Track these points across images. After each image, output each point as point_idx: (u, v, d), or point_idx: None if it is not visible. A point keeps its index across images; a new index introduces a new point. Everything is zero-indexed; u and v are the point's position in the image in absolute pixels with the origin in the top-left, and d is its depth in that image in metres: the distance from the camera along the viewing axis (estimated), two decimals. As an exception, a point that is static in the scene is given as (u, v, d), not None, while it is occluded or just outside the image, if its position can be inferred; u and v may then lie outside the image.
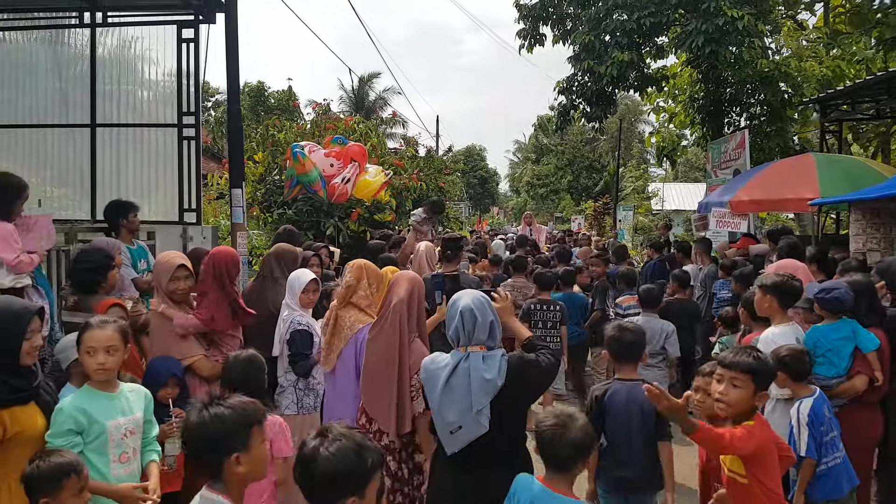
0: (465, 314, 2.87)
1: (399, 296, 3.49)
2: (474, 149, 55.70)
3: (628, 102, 40.08)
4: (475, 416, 2.75)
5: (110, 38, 7.62)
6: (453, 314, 2.91)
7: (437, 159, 18.19)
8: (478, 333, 2.86)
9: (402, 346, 3.41)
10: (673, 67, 15.33)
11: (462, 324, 2.86)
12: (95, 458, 2.76)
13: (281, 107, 24.82)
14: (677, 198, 34.14)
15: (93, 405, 2.78)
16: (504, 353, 2.89)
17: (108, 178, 7.44)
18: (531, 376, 2.90)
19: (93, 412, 2.76)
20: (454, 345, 2.93)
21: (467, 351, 2.86)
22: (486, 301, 2.96)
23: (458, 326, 2.87)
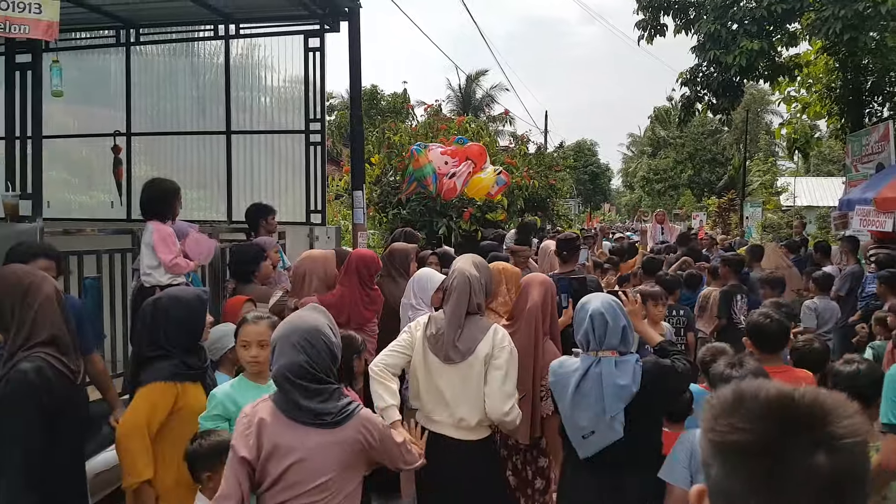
0: (596, 318, 2.81)
1: (533, 299, 3.53)
2: (585, 143, 54.53)
3: (754, 92, 37.79)
4: (609, 422, 2.71)
5: (241, 49, 8.10)
6: (583, 318, 2.86)
7: (546, 156, 18.01)
8: (609, 338, 2.80)
9: (536, 351, 3.44)
10: (806, 55, 14.35)
11: (592, 328, 2.81)
12: None
13: (394, 109, 25.45)
14: (810, 193, 31.83)
15: (243, 395, 2.93)
16: (638, 358, 2.82)
17: (242, 181, 7.93)
18: (668, 382, 2.84)
19: (241, 402, 2.88)
20: (583, 349, 2.88)
21: (598, 356, 2.80)
22: (618, 304, 2.90)
23: (587, 330, 2.83)
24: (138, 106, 8.23)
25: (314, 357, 2.30)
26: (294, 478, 2.25)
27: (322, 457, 2.27)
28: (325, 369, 2.33)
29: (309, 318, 2.44)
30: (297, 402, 2.28)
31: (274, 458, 2.26)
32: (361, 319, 4.27)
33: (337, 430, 2.30)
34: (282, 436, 2.27)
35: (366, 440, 2.35)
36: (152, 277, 4.34)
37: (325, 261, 4.49)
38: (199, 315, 3.03)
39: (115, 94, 8.28)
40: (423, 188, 9.51)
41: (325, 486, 2.27)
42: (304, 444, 2.26)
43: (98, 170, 8.44)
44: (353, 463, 2.35)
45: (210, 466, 2.64)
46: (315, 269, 4.38)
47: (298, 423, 2.28)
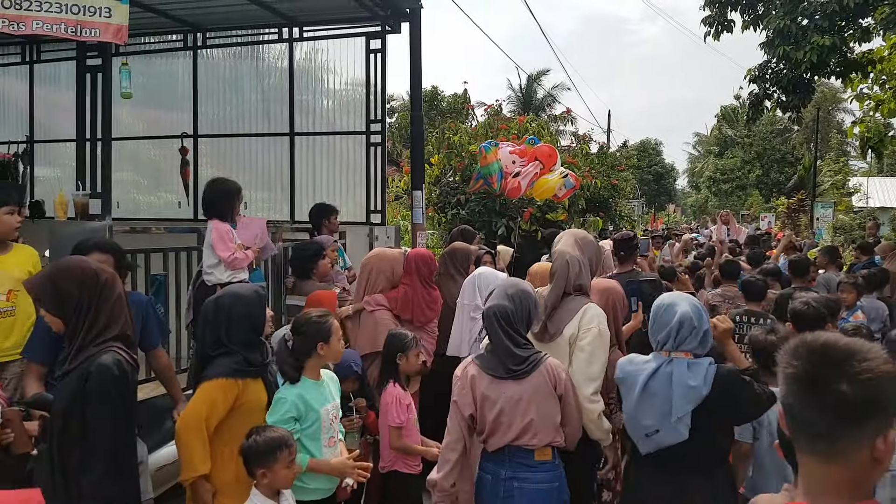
0: (686, 322, 2.76)
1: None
2: (649, 143, 53.41)
3: (825, 90, 36.35)
4: (674, 424, 2.68)
5: (304, 52, 8.27)
6: (669, 319, 2.80)
7: (609, 155, 17.77)
8: (690, 340, 2.77)
9: None
10: (879, 51, 13.72)
11: (678, 330, 2.77)
12: (310, 443, 3.00)
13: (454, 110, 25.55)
14: (883, 193, 30.33)
15: (309, 393, 3.03)
16: (712, 361, 2.78)
17: (304, 182, 8.13)
18: (741, 393, 2.75)
19: (309, 400, 3.02)
20: (657, 347, 2.85)
21: (671, 356, 2.78)
22: (703, 308, 2.89)
23: (671, 331, 2.78)
24: (204, 108, 8.53)
25: (518, 308, 2.90)
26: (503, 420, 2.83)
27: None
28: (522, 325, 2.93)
29: (521, 282, 3.18)
30: (500, 342, 2.86)
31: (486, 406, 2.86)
32: (424, 318, 4.41)
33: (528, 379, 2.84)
34: (488, 388, 2.86)
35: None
36: (213, 276, 4.42)
37: (393, 260, 4.59)
38: (259, 311, 3.06)
39: (182, 97, 8.61)
40: (487, 185, 9.57)
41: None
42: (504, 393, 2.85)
43: (165, 171, 8.80)
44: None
45: (265, 463, 2.67)
46: (383, 268, 4.49)
47: (497, 377, 2.87)
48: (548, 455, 2.90)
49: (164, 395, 3.87)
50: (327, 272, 4.89)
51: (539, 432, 2.86)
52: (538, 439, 2.86)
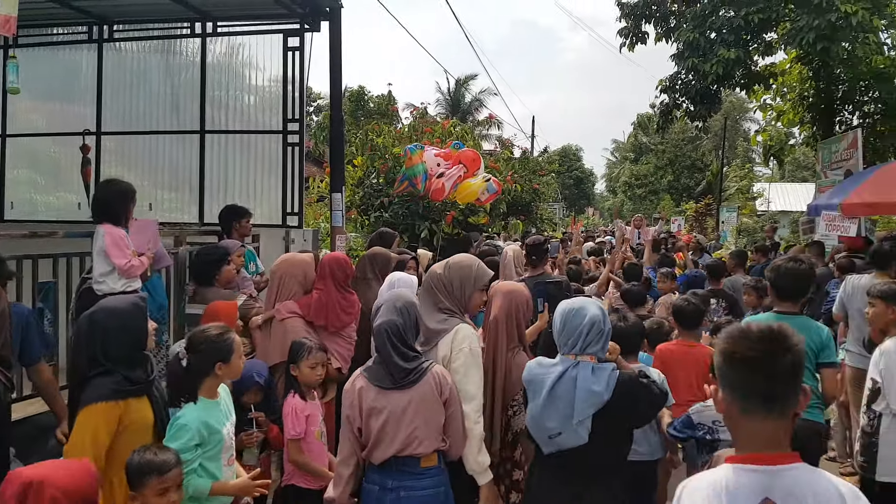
0: (595, 324, 2.81)
1: (494, 312, 3.48)
2: (570, 149, 54.89)
3: (733, 100, 38.30)
4: (575, 426, 2.71)
5: (219, 47, 7.99)
6: (579, 322, 2.82)
7: (531, 160, 18.12)
8: (595, 343, 2.82)
9: (496, 365, 3.40)
10: (781, 64, 14.62)
11: (586, 334, 2.80)
12: (211, 464, 2.82)
13: (380, 111, 25.40)
14: (784, 198, 32.25)
15: (211, 415, 2.85)
16: (615, 367, 2.83)
17: (215, 182, 7.83)
18: (642, 398, 2.83)
19: (212, 422, 2.84)
20: (563, 350, 2.87)
21: (577, 359, 2.81)
22: (607, 313, 2.95)
23: (579, 334, 2.81)
24: (110, 104, 8.11)
25: (407, 322, 2.91)
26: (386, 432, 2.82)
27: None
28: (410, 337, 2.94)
29: (408, 294, 3.19)
30: (390, 359, 2.85)
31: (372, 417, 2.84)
32: (339, 324, 4.26)
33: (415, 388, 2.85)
34: (375, 400, 2.84)
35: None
36: (105, 285, 4.12)
37: (305, 265, 4.42)
38: (139, 323, 2.85)
39: (85, 92, 8.15)
40: (412, 186, 9.57)
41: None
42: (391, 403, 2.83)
43: (65, 169, 8.27)
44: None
45: (134, 487, 2.45)
46: (294, 273, 4.34)
47: (384, 388, 2.86)
48: (433, 461, 2.90)
49: (47, 412, 3.62)
50: (231, 278, 4.66)
51: (425, 439, 2.85)
52: (424, 447, 2.85)
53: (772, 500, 1.54)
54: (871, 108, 12.77)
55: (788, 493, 1.55)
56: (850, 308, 5.49)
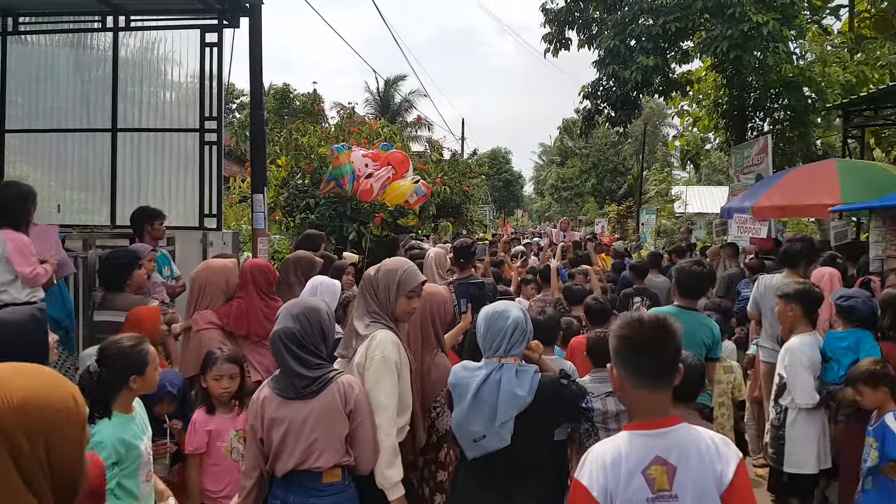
0: (519, 326, 2.84)
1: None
2: (499, 151, 55.66)
3: (653, 105, 39.77)
4: (498, 428, 2.73)
5: (133, 42, 7.66)
6: (502, 324, 2.85)
7: (461, 163, 18.20)
8: (518, 346, 2.85)
9: (411, 368, 3.31)
10: (697, 72, 15.23)
11: (511, 335, 2.83)
12: (129, 482, 2.71)
13: (306, 110, 24.98)
14: (700, 201, 33.76)
15: (127, 431, 2.73)
16: (537, 369, 2.86)
17: (128, 183, 7.49)
18: (562, 398, 2.88)
19: (129, 438, 2.71)
20: (488, 353, 2.88)
21: (501, 362, 2.83)
22: (527, 314, 2.97)
23: (500, 338, 2.83)
24: (15, 100, 7.65)
25: (306, 329, 2.76)
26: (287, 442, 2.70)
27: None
28: (315, 344, 2.78)
29: (310, 300, 3.04)
30: (288, 367, 2.73)
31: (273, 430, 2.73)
32: (262, 332, 4.02)
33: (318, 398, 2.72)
34: (277, 411, 2.73)
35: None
36: (7, 294, 3.89)
37: (227, 271, 4.22)
38: (37, 336, 2.66)
39: (-12, 89, 7.66)
40: (339, 186, 9.40)
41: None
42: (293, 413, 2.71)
43: (-34, 171, 7.76)
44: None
45: None
46: (215, 280, 4.14)
47: (287, 398, 2.73)
48: (337, 476, 2.75)
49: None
50: (143, 283, 4.45)
51: (325, 452, 2.71)
52: (324, 460, 2.71)
53: (661, 457, 1.87)
54: (781, 114, 13.44)
55: (674, 448, 1.89)
56: (763, 306, 5.74)
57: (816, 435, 3.90)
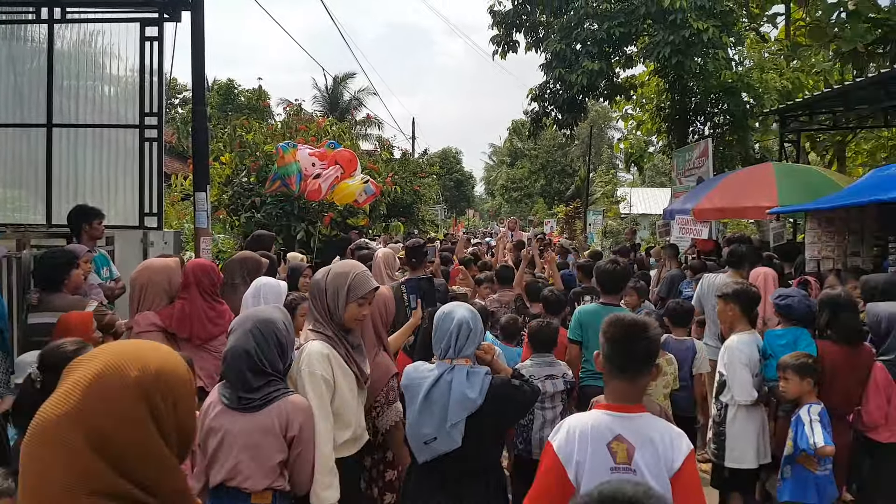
0: (463, 327, 2.83)
1: None
2: (450, 151, 55.78)
3: (598, 109, 40.55)
4: (449, 430, 2.72)
5: (69, 34, 7.37)
6: (448, 326, 2.85)
7: (412, 162, 18.16)
8: (468, 348, 2.84)
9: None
10: (641, 76, 15.58)
11: (456, 337, 2.82)
12: None
13: (251, 106, 24.53)
14: (644, 202, 34.67)
15: None
16: (488, 371, 2.86)
17: (64, 180, 7.20)
18: (513, 400, 2.87)
19: None
20: (439, 355, 2.88)
21: (452, 364, 2.82)
22: (477, 314, 2.95)
23: (449, 340, 2.83)
24: (-59, 94, 7.27)
25: (262, 345, 2.62)
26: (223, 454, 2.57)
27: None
28: (271, 360, 2.65)
29: (266, 311, 2.81)
30: (235, 386, 2.61)
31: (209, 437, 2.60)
32: (206, 335, 3.93)
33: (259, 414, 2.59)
34: (216, 419, 2.60)
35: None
36: None
37: (168, 270, 4.07)
38: None
39: (-87, 81, 7.26)
40: (285, 186, 9.23)
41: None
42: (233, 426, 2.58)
43: None
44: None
45: None
46: (157, 280, 3.99)
47: (229, 408, 2.61)
48: (267, 499, 2.58)
49: None
50: (80, 284, 4.30)
51: (252, 476, 2.55)
52: (251, 483, 2.55)
53: (623, 437, 2.12)
54: (721, 119, 13.88)
55: (635, 433, 2.13)
56: (706, 305, 5.89)
57: (756, 431, 4.02)
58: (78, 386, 1.25)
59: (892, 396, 3.92)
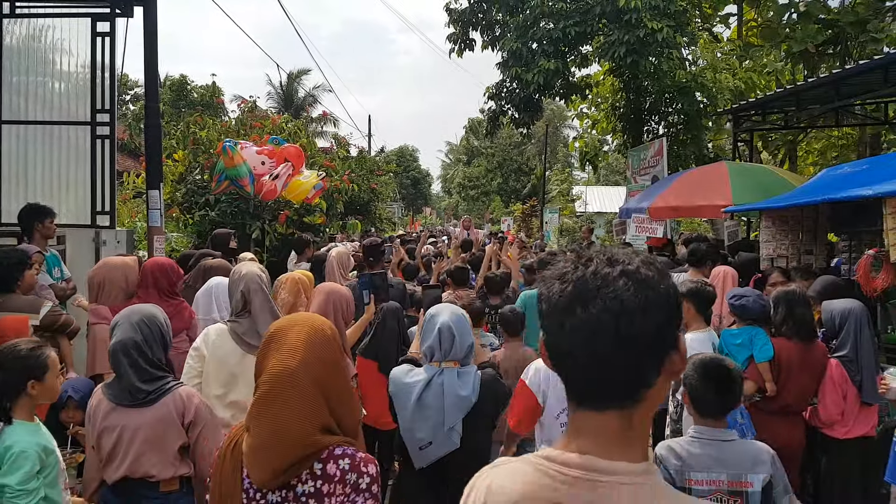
0: (444, 332, 2.85)
1: (312, 311, 3.34)
2: (407, 149, 55.63)
3: (554, 108, 41.03)
4: (447, 433, 2.73)
5: (18, 29, 7.16)
6: (431, 329, 2.87)
7: (369, 160, 18.05)
8: (455, 351, 2.85)
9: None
10: (596, 76, 15.80)
11: (440, 341, 2.84)
12: (52, 491, 2.57)
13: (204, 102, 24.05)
14: (599, 200, 35.20)
15: (41, 436, 2.61)
16: (477, 369, 2.89)
17: (13, 178, 6.97)
18: (500, 394, 2.96)
19: (47, 444, 2.60)
20: (426, 359, 2.89)
21: (441, 367, 2.83)
22: (465, 318, 2.96)
23: (434, 344, 2.84)
24: None
25: (148, 338, 2.69)
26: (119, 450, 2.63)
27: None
28: (157, 353, 2.72)
29: (147, 307, 2.86)
30: (125, 378, 2.64)
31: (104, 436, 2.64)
32: None
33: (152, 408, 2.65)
34: (107, 418, 2.63)
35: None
36: None
37: (125, 268, 4.13)
38: None
39: None
40: (239, 188, 9.04)
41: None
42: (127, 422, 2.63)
43: None
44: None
45: None
46: (114, 277, 4.03)
47: (121, 405, 2.65)
48: (174, 485, 2.68)
49: None
50: (34, 284, 4.19)
51: (158, 463, 2.64)
52: (157, 470, 2.64)
53: None
54: (675, 118, 14.16)
55: None
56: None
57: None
58: (299, 344, 1.63)
59: (848, 393, 3.98)
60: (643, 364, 1.04)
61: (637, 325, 1.00)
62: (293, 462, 1.58)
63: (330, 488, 1.61)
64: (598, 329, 1.01)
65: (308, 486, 1.61)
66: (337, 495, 1.60)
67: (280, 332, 1.69)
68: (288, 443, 1.57)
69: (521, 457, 1.14)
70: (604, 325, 1.01)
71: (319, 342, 1.66)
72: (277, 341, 1.66)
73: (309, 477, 1.62)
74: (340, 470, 1.62)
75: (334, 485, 1.61)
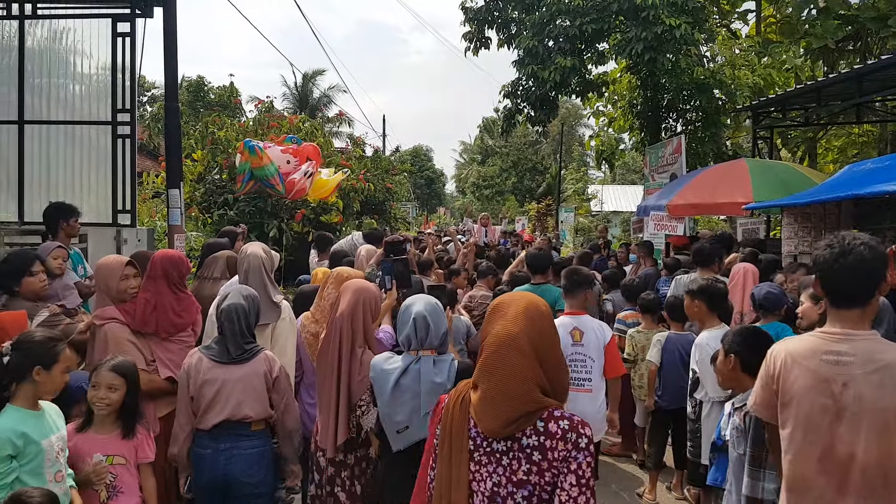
0: (419, 321, 2.93)
1: (341, 310, 3.38)
2: (421, 149, 55.65)
3: (569, 106, 40.79)
4: (423, 418, 2.80)
5: (40, 31, 7.29)
6: (406, 319, 2.96)
7: (384, 159, 18.09)
8: (430, 339, 2.94)
9: (340, 363, 3.30)
10: (613, 73, 15.70)
11: (415, 330, 2.93)
12: (32, 479, 2.60)
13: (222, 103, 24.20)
14: (615, 199, 34.97)
15: (27, 425, 2.63)
16: (453, 357, 2.98)
17: (36, 177, 7.11)
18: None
19: (29, 432, 2.61)
20: (404, 348, 2.97)
21: (418, 354, 2.93)
22: (439, 307, 3.04)
23: (410, 333, 2.93)
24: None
25: (251, 308, 3.36)
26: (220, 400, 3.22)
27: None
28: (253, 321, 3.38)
29: (250, 289, 3.55)
30: (232, 335, 3.27)
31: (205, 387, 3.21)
32: (171, 328, 3.74)
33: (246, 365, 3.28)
34: (208, 373, 3.22)
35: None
36: None
37: (106, 270, 3.85)
38: None
39: None
40: (270, 188, 9.05)
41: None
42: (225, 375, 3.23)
43: None
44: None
45: None
46: (98, 281, 3.82)
47: (221, 362, 3.25)
48: (262, 426, 3.30)
49: None
50: (36, 291, 4.02)
51: (254, 406, 3.23)
52: (254, 412, 3.23)
53: (577, 327, 4.34)
54: (693, 115, 14.04)
55: (582, 325, 4.32)
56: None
57: (732, 425, 4.07)
58: (519, 315, 1.87)
59: None
60: (871, 287, 2.18)
61: (869, 268, 2.16)
62: (520, 415, 1.80)
63: (552, 444, 1.79)
64: (853, 269, 2.16)
65: (532, 440, 1.81)
66: (559, 450, 1.79)
67: (503, 304, 1.95)
68: (512, 396, 1.80)
69: (803, 334, 2.35)
70: (855, 268, 2.16)
71: (537, 315, 1.89)
72: (502, 311, 1.92)
73: (533, 432, 1.81)
74: (561, 429, 1.80)
75: (556, 441, 1.79)
